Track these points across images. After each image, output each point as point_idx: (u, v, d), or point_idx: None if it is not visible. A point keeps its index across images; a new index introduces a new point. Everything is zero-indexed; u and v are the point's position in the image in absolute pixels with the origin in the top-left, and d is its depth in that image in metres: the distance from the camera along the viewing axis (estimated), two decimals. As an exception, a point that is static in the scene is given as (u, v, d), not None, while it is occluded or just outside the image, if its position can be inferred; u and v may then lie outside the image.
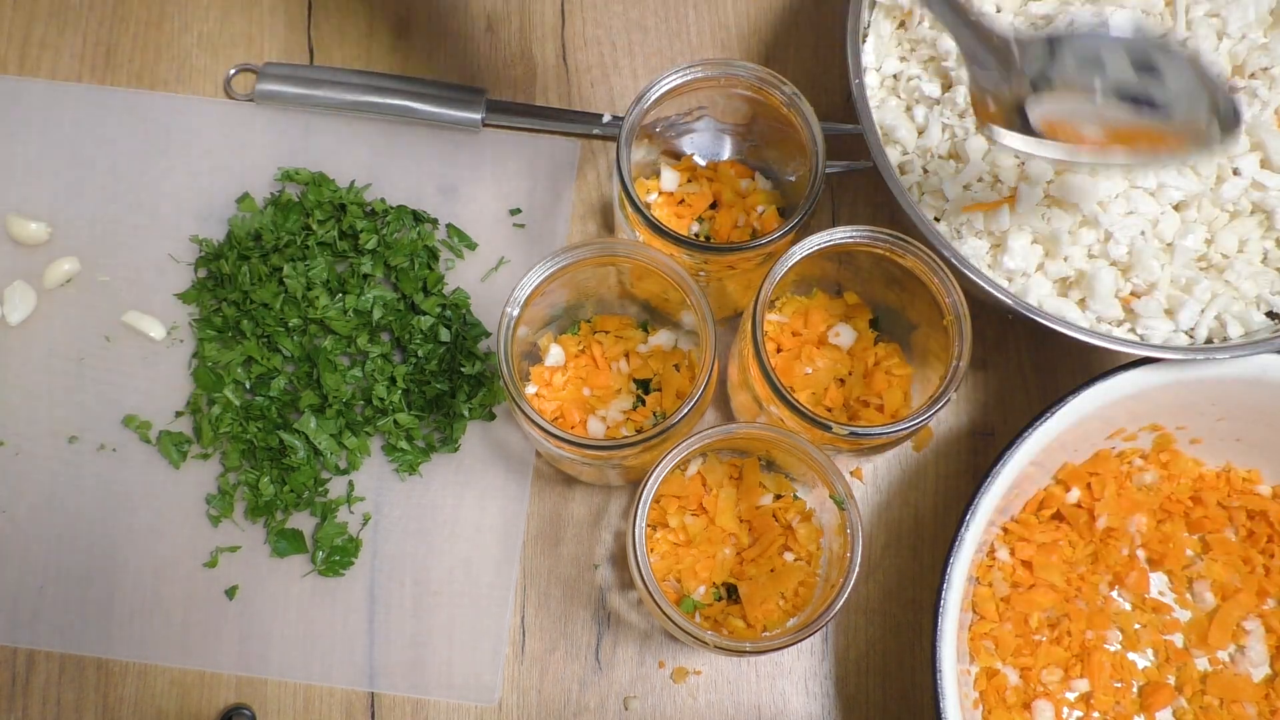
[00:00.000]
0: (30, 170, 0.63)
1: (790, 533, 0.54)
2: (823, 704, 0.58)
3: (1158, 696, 0.56)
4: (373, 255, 0.61)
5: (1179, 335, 0.53)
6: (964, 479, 0.60)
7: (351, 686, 0.57)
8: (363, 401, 0.59)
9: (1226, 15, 0.54)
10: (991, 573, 0.56)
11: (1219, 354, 0.51)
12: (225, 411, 0.59)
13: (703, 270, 0.53)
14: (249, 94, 0.64)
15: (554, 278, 0.50)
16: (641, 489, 0.48)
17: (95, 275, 0.62)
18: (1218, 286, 0.53)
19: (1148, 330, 0.53)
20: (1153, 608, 0.57)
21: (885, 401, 0.55)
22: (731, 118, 0.57)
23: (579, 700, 0.57)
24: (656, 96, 0.51)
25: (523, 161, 0.64)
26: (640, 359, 0.57)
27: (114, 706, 0.57)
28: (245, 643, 0.57)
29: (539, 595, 0.58)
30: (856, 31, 0.53)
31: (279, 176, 0.63)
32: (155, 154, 0.63)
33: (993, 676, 0.55)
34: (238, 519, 0.59)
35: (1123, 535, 0.57)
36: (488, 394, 0.59)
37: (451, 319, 0.60)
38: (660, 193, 0.58)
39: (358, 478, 0.59)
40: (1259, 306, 0.54)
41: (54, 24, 0.65)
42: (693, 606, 0.53)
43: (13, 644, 0.57)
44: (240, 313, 0.60)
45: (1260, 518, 0.58)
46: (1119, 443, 0.57)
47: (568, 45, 0.66)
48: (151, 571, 0.58)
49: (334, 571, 0.58)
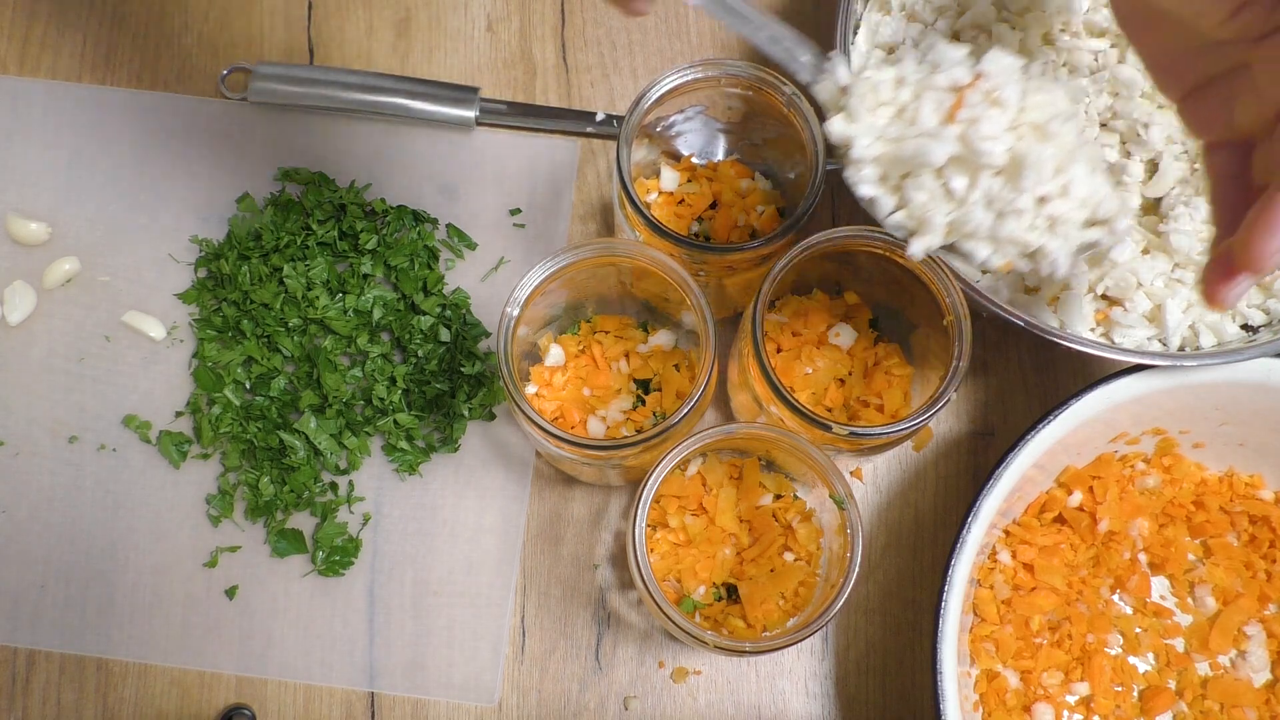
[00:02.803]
0: (30, 170, 0.63)
1: (790, 533, 0.54)
2: (823, 704, 0.58)
3: (1158, 701, 0.55)
4: (373, 255, 0.61)
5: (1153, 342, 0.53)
6: (964, 479, 0.60)
7: (351, 686, 0.57)
8: (363, 401, 0.59)
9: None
10: (993, 575, 0.56)
11: (1213, 359, 0.51)
12: (225, 411, 0.59)
13: (702, 270, 0.53)
14: (243, 94, 0.64)
15: (554, 278, 0.50)
16: (641, 489, 0.48)
17: (95, 275, 0.62)
18: (1194, 296, 0.53)
19: (1123, 338, 0.53)
20: (1154, 612, 0.57)
21: (885, 401, 0.55)
22: (731, 117, 0.57)
23: (579, 700, 0.57)
24: (656, 96, 0.51)
25: (523, 161, 0.64)
26: (640, 359, 0.57)
27: (114, 706, 0.57)
28: (245, 643, 0.57)
29: (539, 595, 0.58)
30: (847, 24, 0.53)
31: (279, 176, 0.63)
32: (155, 154, 0.63)
33: (993, 679, 0.55)
34: (238, 519, 0.59)
35: (1124, 539, 0.57)
36: (488, 394, 0.59)
37: (451, 319, 0.60)
38: (660, 193, 0.58)
39: (358, 478, 0.59)
40: (1234, 319, 0.54)
41: (54, 24, 0.65)
42: (693, 606, 0.53)
43: (13, 644, 0.57)
44: (240, 313, 0.60)
45: (1262, 523, 0.57)
46: (1121, 446, 0.57)
47: (567, 45, 0.66)
48: (151, 571, 0.58)
49: (334, 571, 0.58)
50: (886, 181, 0.40)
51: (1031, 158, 0.36)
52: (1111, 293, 0.54)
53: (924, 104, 0.38)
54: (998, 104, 0.37)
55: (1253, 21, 0.36)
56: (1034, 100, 0.37)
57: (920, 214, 0.39)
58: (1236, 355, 0.51)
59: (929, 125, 0.37)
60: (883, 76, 0.39)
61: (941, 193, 0.38)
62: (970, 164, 0.37)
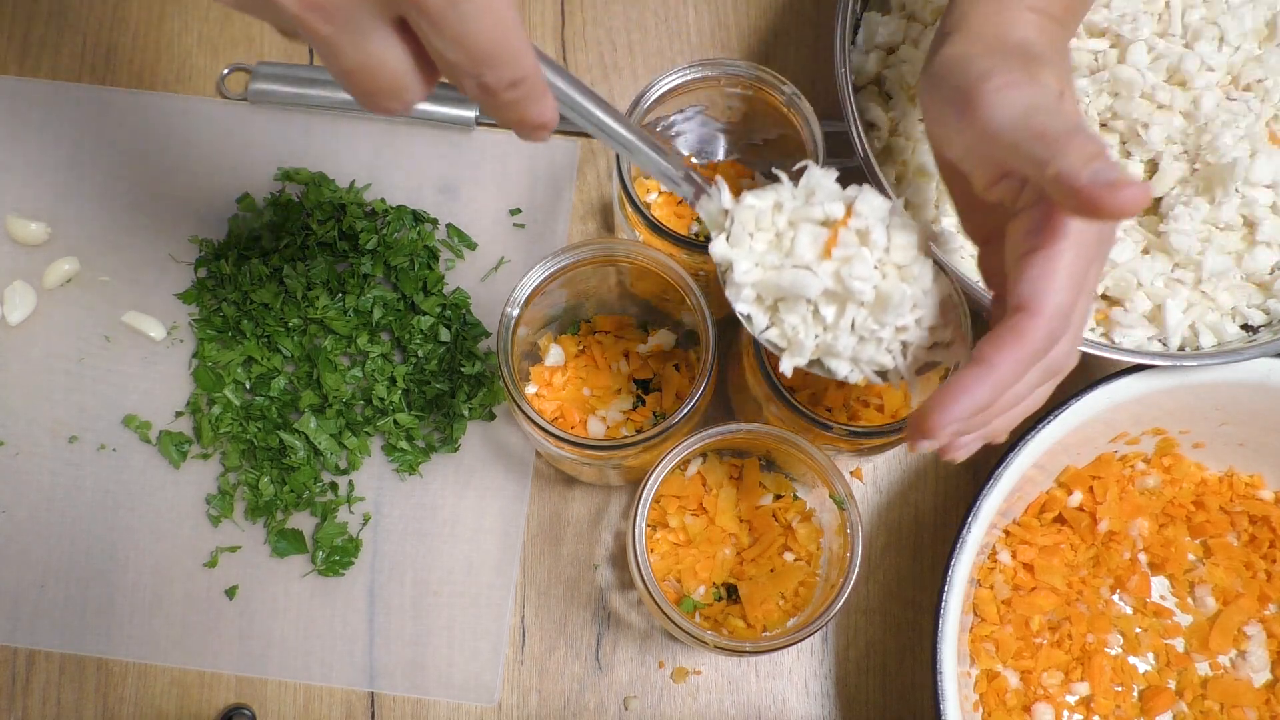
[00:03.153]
0: (30, 170, 0.63)
1: (790, 533, 0.54)
2: (823, 704, 0.58)
3: (1158, 700, 0.55)
4: (373, 255, 0.60)
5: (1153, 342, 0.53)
6: (964, 479, 0.60)
7: (351, 686, 0.57)
8: (363, 401, 0.59)
9: (1224, 25, 0.54)
10: (993, 575, 0.56)
11: (1213, 359, 0.51)
12: (225, 411, 0.59)
13: (702, 270, 0.53)
14: (243, 94, 0.64)
15: (554, 278, 0.50)
16: (641, 489, 0.48)
17: (95, 275, 0.62)
18: (1193, 296, 0.53)
19: (1123, 338, 0.53)
20: (1154, 612, 0.57)
21: (885, 401, 0.55)
22: (731, 117, 0.57)
23: (579, 700, 0.57)
24: (656, 96, 0.51)
25: (523, 161, 0.64)
26: (640, 359, 0.57)
27: (114, 706, 0.57)
28: (245, 643, 0.57)
29: (539, 595, 0.58)
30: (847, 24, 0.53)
31: (279, 176, 0.63)
32: (155, 154, 0.63)
33: (993, 679, 0.55)
34: (238, 519, 0.59)
35: (1124, 539, 0.57)
36: (488, 394, 0.59)
37: (451, 319, 0.60)
38: (660, 192, 0.58)
39: (358, 478, 0.59)
40: (1234, 319, 0.54)
41: (54, 24, 0.65)
42: (693, 606, 0.53)
43: (13, 644, 0.57)
44: (240, 313, 0.60)
45: (1262, 523, 0.57)
46: (1121, 446, 0.57)
47: (568, 45, 0.66)
48: (151, 571, 0.58)
49: (334, 571, 0.58)
50: (762, 302, 0.43)
51: (895, 296, 0.40)
52: (1111, 293, 0.54)
53: (801, 236, 0.41)
54: (867, 243, 0.41)
55: (1006, 195, 0.38)
56: (897, 241, 0.41)
57: (792, 335, 0.42)
58: (1236, 355, 0.51)
59: (805, 258, 0.41)
60: (763, 204, 0.42)
61: (812, 318, 0.42)
62: (841, 297, 0.41)
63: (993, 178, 0.38)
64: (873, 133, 0.58)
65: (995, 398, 0.37)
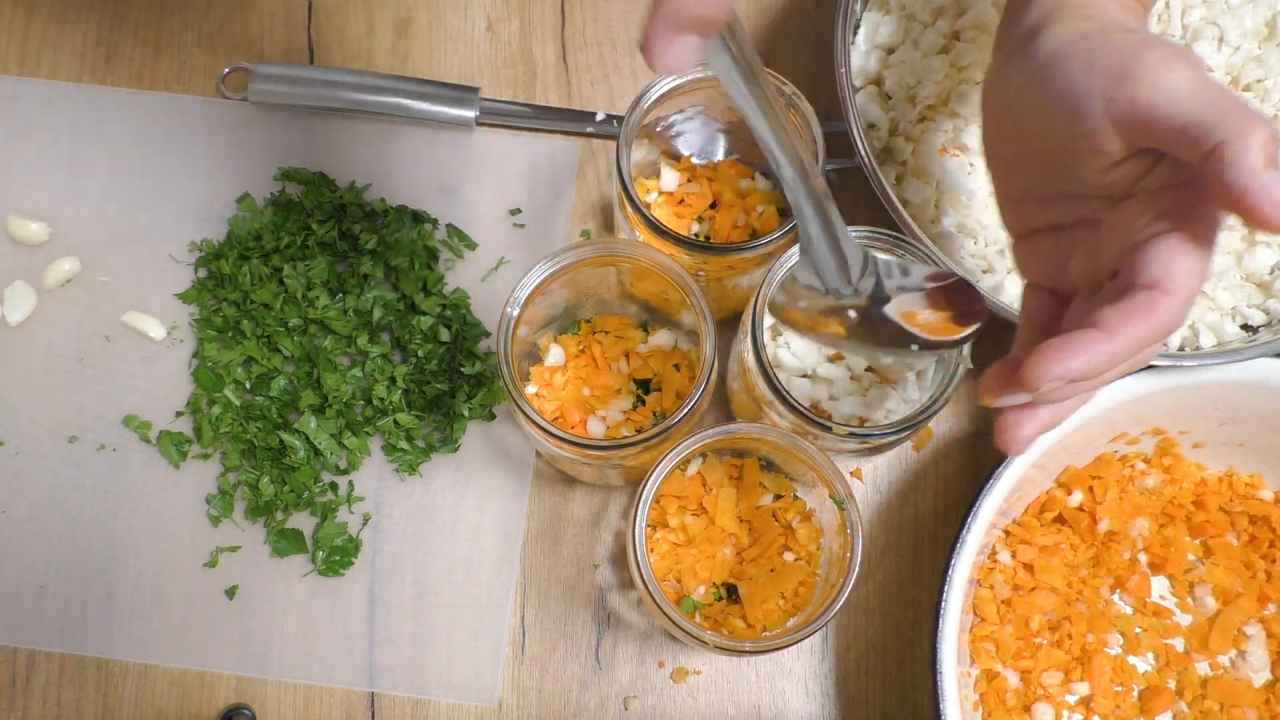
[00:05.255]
0: (30, 170, 0.63)
1: (790, 533, 0.54)
2: (823, 704, 0.58)
3: (1158, 700, 0.55)
4: (373, 255, 0.60)
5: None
6: (964, 479, 0.60)
7: (351, 686, 0.57)
8: (363, 401, 0.59)
9: (1223, 25, 0.54)
10: (993, 575, 0.56)
11: (1213, 359, 0.51)
12: (225, 411, 0.59)
13: (702, 270, 0.53)
14: (243, 94, 0.64)
15: (554, 278, 0.50)
16: (641, 489, 0.48)
17: (95, 275, 0.62)
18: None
19: None
20: (1154, 612, 0.57)
21: (886, 402, 0.55)
22: (731, 117, 0.57)
23: (579, 700, 0.57)
24: (656, 96, 0.51)
25: (523, 161, 0.64)
26: (640, 359, 0.57)
27: (114, 706, 0.57)
28: (245, 643, 0.57)
29: (539, 595, 0.58)
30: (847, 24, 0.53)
31: (279, 176, 0.63)
32: (155, 154, 0.63)
33: (993, 679, 0.55)
34: (238, 519, 0.59)
35: (1124, 539, 0.57)
36: (488, 394, 0.59)
37: (451, 319, 0.60)
38: (660, 193, 0.58)
39: (358, 478, 0.59)
40: (1234, 319, 0.54)
41: (54, 24, 0.65)
42: (693, 606, 0.53)
43: (13, 644, 0.57)
44: (240, 313, 0.60)
45: (1262, 523, 0.57)
46: (1121, 446, 0.57)
47: (568, 45, 0.66)
48: (151, 571, 0.58)
49: (334, 571, 0.58)
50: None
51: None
52: None
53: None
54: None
55: (1121, 180, 0.37)
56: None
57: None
58: (1236, 355, 0.51)
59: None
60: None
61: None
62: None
63: (1122, 156, 0.36)
64: (873, 133, 0.58)
65: (1107, 368, 0.35)
